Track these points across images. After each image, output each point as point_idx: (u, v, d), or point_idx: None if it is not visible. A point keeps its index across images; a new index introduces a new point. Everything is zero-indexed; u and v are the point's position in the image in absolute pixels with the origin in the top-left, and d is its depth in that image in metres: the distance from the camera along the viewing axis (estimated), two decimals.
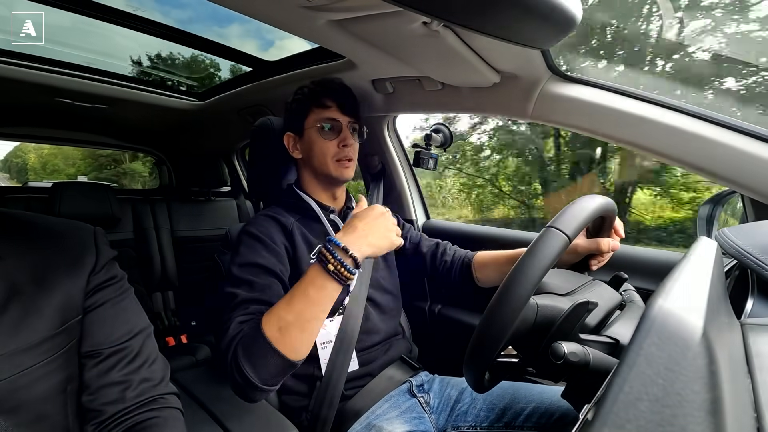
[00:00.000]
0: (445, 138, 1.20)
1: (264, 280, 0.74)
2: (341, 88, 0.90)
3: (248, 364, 0.61)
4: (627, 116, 0.78)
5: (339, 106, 0.88)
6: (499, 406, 0.80)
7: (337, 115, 0.88)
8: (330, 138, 0.87)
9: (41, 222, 0.55)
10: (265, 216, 0.85)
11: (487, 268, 0.93)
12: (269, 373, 0.62)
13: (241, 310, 0.69)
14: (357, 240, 0.65)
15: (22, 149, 20.41)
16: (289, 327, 0.62)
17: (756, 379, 0.26)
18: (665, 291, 0.24)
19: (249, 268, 0.75)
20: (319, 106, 0.88)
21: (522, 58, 0.81)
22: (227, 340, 0.66)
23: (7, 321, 0.46)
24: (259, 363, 0.61)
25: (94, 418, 0.51)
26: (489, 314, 0.47)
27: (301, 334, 0.62)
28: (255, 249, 0.78)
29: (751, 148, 0.68)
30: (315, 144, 0.88)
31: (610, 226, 0.74)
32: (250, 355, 0.62)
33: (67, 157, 16.52)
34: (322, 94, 0.88)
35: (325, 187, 0.92)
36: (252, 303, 0.70)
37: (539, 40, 0.57)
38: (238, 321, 0.67)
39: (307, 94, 0.90)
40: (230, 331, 0.66)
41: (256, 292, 0.72)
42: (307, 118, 0.89)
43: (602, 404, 0.19)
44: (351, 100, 0.90)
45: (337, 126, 0.88)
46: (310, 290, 0.63)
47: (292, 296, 0.64)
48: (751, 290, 0.48)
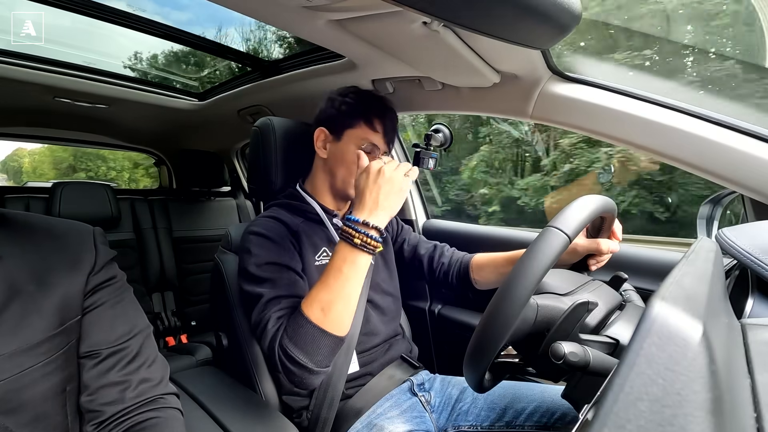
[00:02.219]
0: (445, 138, 1.20)
1: (285, 276, 0.75)
2: (391, 114, 0.90)
3: (299, 351, 0.64)
4: (627, 116, 0.78)
5: (385, 133, 0.88)
6: (500, 405, 0.80)
7: (380, 142, 0.88)
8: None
9: (41, 222, 0.55)
10: (269, 218, 0.85)
11: (485, 270, 0.93)
12: (322, 354, 0.65)
13: (274, 306, 0.71)
14: (372, 212, 0.67)
15: (18, 154, 22.25)
16: (331, 305, 0.65)
17: (756, 379, 0.26)
18: (665, 291, 0.24)
19: (268, 267, 0.75)
20: (369, 124, 0.86)
21: (522, 58, 0.81)
22: (269, 337, 0.68)
23: (8, 321, 0.46)
24: (309, 347, 0.64)
25: (93, 419, 0.51)
26: (489, 314, 0.47)
27: (343, 309, 0.66)
28: (268, 248, 0.78)
29: (751, 148, 0.68)
30: (348, 158, 0.86)
31: (609, 226, 0.74)
32: (298, 343, 0.65)
33: (53, 162, 18.33)
34: (378, 114, 0.87)
35: (335, 194, 0.91)
36: (282, 299, 0.72)
37: (539, 40, 0.58)
38: (276, 317, 0.69)
39: (362, 104, 0.88)
40: (270, 328, 0.68)
41: (282, 289, 0.73)
42: (353, 128, 0.86)
43: (602, 404, 0.19)
44: (395, 129, 0.91)
45: (375, 152, 0.87)
46: (344, 267, 0.66)
47: (327, 277, 0.67)
48: (751, 290, 0.48)
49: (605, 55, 1.85)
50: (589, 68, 0.85)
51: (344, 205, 0.95)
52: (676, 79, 1.51)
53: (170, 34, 1.33)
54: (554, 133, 3.98)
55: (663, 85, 0.92)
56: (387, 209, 0.68)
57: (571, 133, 2.99)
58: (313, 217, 0.89)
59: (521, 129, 4.37)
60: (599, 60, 1.06)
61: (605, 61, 1.21)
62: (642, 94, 0.79)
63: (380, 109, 0.89)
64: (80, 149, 14.47)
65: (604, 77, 0.83)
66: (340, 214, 0.92)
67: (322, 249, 0.86)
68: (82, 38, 1.49)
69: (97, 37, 1.54)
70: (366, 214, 0.67)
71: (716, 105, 0.74)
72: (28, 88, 1.42)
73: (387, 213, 0.68)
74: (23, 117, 1.74)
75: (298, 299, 0.72)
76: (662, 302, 0.22)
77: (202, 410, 0.72)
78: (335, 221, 0.90)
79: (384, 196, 0.68)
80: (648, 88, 0.79)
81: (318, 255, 0.85)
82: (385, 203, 0.68)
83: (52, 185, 1.76)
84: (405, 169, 0.72)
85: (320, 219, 0.88)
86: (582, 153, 3.62)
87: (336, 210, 0.92)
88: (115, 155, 14.52)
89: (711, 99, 0.93)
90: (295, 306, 0.70)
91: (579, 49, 1.35)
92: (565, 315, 0.50)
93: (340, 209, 0.94)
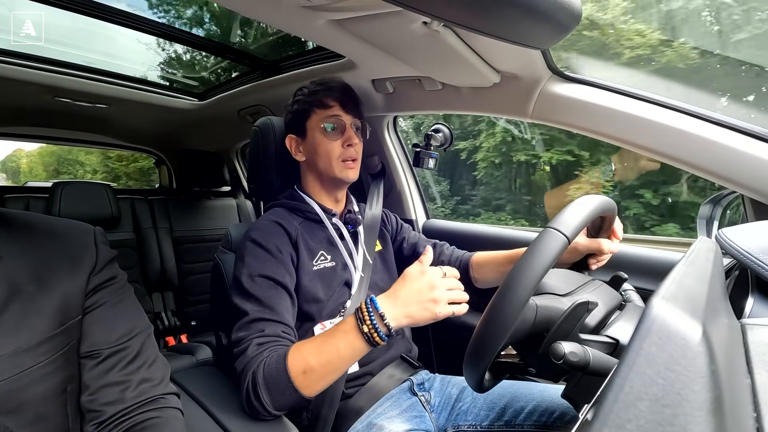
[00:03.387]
0: (445, 138, 1.20)
1: (273, 295, 0.74)
2: (342, 86, 0.89)
3: (266, 393, 0.63)
4: (627, 116, 0.78)
5: (341, 104, 0.87)
6: (499, 404, 0.80)
7: (341, 114, 0.87)
8: (334, 138, 0.87)
9: (41, 222, 0.55)
10: (269, 222, 0.84)
11: (485, 269, 0.93)
12: (284, 404, 0.65)
13: (256, 330, 0.70)
14: (396, 308, 0.63)
15: (16, 155, 24.79)
16: (314, 373, 0.63)
17: (756, 379, 0.26)
18: (665, 291, 0.24)
19: (258, 279, 0.75)
20: (320, 106, 0.87)
21: (522, 58, 0.81)
22: (245, 361, 0.67)
23: (8, 321, 0.46)
24: (277, 395, 0.64)
25: (94, 419, 0.51)
26: (489, 314, 0.47)
27: (322, 380, 0.65)
28: (262, 259, 0.78)
29: (751, 148, 0.68)
30: (319, 145, 0.87)
31: (609, 226, 0.74)
32: (269, 386, 0.64)
33: (44, 165, 20.75)
34: (324, 93, 0.87)
35: (328, 189, 0.91)
36: (265, 322, 0.71)
37: (539, 40, 0.58)
38: (257, 343, 0.68)
39: (308, 94, 0.89)
40: (249, 353, 0.67)
41: (267, 310, 0.72)
42: (309, 119, 0.88)
43: (602, 404, 0.19)
44: (353, 98, 0.89)
45: (340, 125, 0.87)
46: (341, 345, 0.63)
47: (323, 344, 0.64)
48: (750, 290, 0.48)
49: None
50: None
51: (341, 199, 0.94)
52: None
53: (170, 34, 1.33)
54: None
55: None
56: (409, 317, 0.63)
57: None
58: (312, 217, 0.89)
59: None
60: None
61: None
62: (642, 94, 0.79)
63: (325, 85, 0.88)
64: (64, 155, 18.20)
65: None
66: (339, 213, 0.92)
67: (319, 253, 0.86)
68: (82, 38, 1.49)
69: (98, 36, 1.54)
70: (389, 306, 0.62)
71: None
72: (28, 88, 1.42)
73: (407, 319, 0.63)
74: (23, 117, 1.74)
75: (282, 325, 0.71)
76: (662, 302, 0.22)
77: (202, 410, 0.72)
78: (334, 221, 0.90)
79: (416, 303, 0.63)
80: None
81: (316, 260, 0.85)
82: (412, 309, 0.63)
83: (52, 185, 1.76)
84: (449, 300, 0.64)
85: (319, 218, 0.88)
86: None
87: (335, 209, 0.92)
88: (90, 160, 17.10)
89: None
90: (278, 336, 0.69)
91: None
92: (565, 315, 0.50)
93: (338, 205, 0.94)
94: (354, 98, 0.90)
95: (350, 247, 0.90)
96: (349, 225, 0.92)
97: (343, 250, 0.88)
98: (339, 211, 0.94)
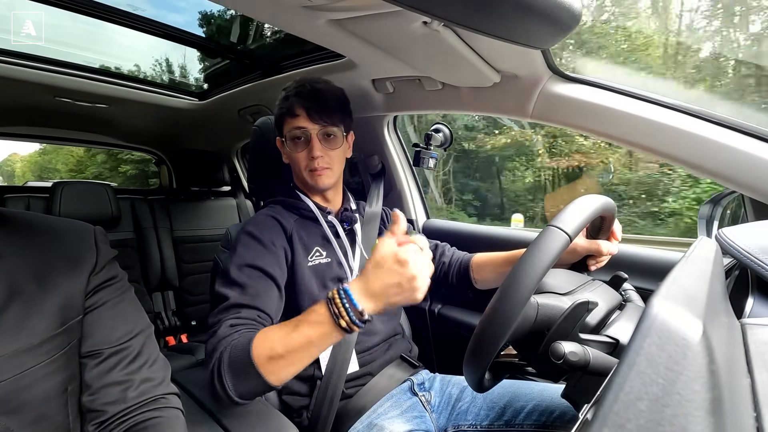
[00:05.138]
0: (446, 138, 1.20)
1: (259, 284, 0.74)
2: (312, 92, 0.84)
3: (229, 375, 0.62)
4: (627, 116, 0.78)
5: (308, 113, 0.83)
6: (499, 404, 0.80)
7: (306, 124, 0.83)
8: (299, 150, 0.85)
9: (41, 221, 0.55)
10: (266, 216, 0.85)
11: (485, 270, 0.93)
12: (248, 390, 0.62)
13: (233, 313, 0.69)
14: (369, 296, 0.58)
15: (11, 159, 29.28)
16: (280, 360, 0.60)
17: (756, 379, 0.26)
18: (665, 291, 0.24)
19: (246, 269, 0.75)
20: (289, 114, 0.84)
21: (522, 58, 0.81)
22: (215, 341, 0.66)
23: (8, 321, 0.46)
24: (240, 378, 0.62)
25: (95, 418, 0.51)
26: (489, 313, 0.47)
27: (289, 367, 0.61)
28: (254, 250, 0.77)
29: (751, 148, 0.68)
30: (290, 154, 0.87)
31: (609, 227, 0.74)
32: (233, 369, 0.62)
33: (32, 171, 25.27)
34: (292, 101, 0.84)
35: (312, 191, 0.91)
36: (243, 308, 0.70)
37: (540, 40, 0.58)
38: (229, 324, 0.67)
39: (282, 99, 0.86)
40: (219, 333, 0.66)
41: (248, 296, 0.71)
42: (284, 126, 0.87)
43: (602, 404, 0.19)
44: (323, 103, 0.84)
45: (306, 136, 0.84)
46: (313, 334, 0.59)
47: (291, 332, 0.61)
48: (750, 290, 0.48)
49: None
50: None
51: (331, 198, 0.93)
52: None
53: (170, 34, 1.33)
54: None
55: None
56: (386, 303, 0.58)
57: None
58: (307, 215, 0.89)
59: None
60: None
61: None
62: (642, 94, 0.79)
63: (296, 93, 0.84)
64: (48, 164, 22.32)
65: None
66: (334, 211, 0.92)
67: (314, 249, 0.86)
68: (82, 38, 1.50)
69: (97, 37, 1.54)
70: (362, 294, 0.58)
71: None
72: (28, 88, 1.42)
73: (382, 305, 0.59)
74: (24, 117, 1.74)
75: (259, 312, 0.70)
76: (662, 302, 0.22)
77: (203, 410, 0.72)
78: (330, 218, 0.90)
79: (397, 299, 0.58)
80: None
81: (311, 255, 0.85)
82: (392, 302, 0.58)
83: (52, 185, 1.76)
84: (428, 273, 0.59)
85: (314, 216, 0.89)
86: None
87: (329, 207, 0.92)
88: (67, 167, 21.07)
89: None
90: (253, 320, 0.68)
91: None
92: (565, 314, 0.51)
93: (331, 204, 0.93)
94: (324, 102, 0.84)
95: (345, 245, 0.90)
96: (345, 223, 0.92)
97: (337, 247, 0.88)
98: (335, 209, 0.93)
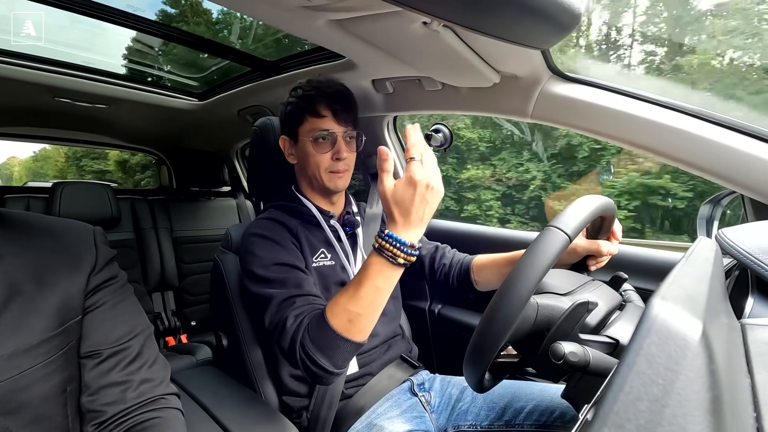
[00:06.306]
0: (445, 138, 1.20)
1: (293, 276, 0.75)
2: (337, 93, 0.84)
3: (321, 354, 0.64)
4: (627, 116, 0.78)
5: (334, 114, 0.83)
6: (499, 404, 0.80)
7: (332, 126, 0.83)
8: (323, 151, 0.84)
9: (41, 221, 0.55)
10: (268, 219, 0.85)
11: (486, 272, 0.92)
12: (342, 357, 0.65)
13: (289, 306, 0.70)
14: (416, 229, 0.63)
15: (9, 162, 31.13)
16: (360, 317, 0.64)
17: (756, 379, 0.26)
18: (665, 291, 0.24)
19: (275, 267, 0.75)
20: (312, 114, 0.83)
21: (522, 58, 0.81)
22: (290, 336, 0.67)
23: (8, 321, 0.46)
24: (331, 352, 0.64)
25: (94, 419, 0.51)
26: (490, 313, 0.47)
27: (371, 320, 0.66)
28: (271, 249, 0.77)
29: (751, 148, 0.68)
30: (309, 155, 0.85)
31: (609, 227, 0.74)
32: (321, 346, 0.64)
33: (28, 175, 27.04)
34: (317, 100, 0.83)
35: (321, 194, 0.90)
36: (295, 297, 0.71)
37: (539, 40, 0.58)
38: (294, 315, 0.69)
39: (302, 97, 0.85)
40: (289, 327, 0.68)
41: (293, 288, 0.73)
42: (302, 125, 0.85)
43: (602, 404, 0.19)
44: (348, 106, 0.85)
45: (332, 137, 0.83)
46: (379, 282, 0.63)
47: (358, 290, 0.64)
48: (750, 290, 0.48)
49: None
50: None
51: (336, 201, 0.93)
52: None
53: (170, 34, 1.33)
54: None
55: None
56: (420, 227, 0.63)
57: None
58: (309, 219, 0.88)
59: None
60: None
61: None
62: (642, 94, 0.79)
63: (321, 93, 0.83)
64: (40, 170, 24.31)
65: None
66: (336, 214, 0.92)
67: (320, 251, 0.86)
68: (82, 38, 1.49)
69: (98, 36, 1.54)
70: (411, 234, 0.62)
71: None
72: (28, 88, 1.42)
73: (420, 230, 0.64)
74: (23, 117, 1.74)
75: (311, 297, 0.72)
76: (662, 302, 0.22)
77: (202, 410, 0.72)
78: (332, 222, 0.90)
79: (429, 212, 0.63)
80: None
81: (316, 256, 0.85)
82: (427, 218, 0.63)
83: (52, 185, 1.76)
84: (434, 181, 0.62)
85: (317, 221, 0.88)
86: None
87: (331, 211, 0.91)
88: (53, 172, 23.57)
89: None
90: (311, 303, 0.70)
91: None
92: (565, 315, 0.50)
93: (335, 207, 0.93)
94: (348, 105, 0.85)
95: (347, 250, 0.90)
96: (347, 227, 0.92)
97: (340, 251, 0.88)
98: (337, 212, 0.93)
